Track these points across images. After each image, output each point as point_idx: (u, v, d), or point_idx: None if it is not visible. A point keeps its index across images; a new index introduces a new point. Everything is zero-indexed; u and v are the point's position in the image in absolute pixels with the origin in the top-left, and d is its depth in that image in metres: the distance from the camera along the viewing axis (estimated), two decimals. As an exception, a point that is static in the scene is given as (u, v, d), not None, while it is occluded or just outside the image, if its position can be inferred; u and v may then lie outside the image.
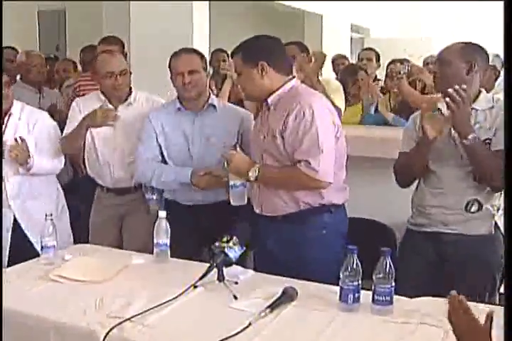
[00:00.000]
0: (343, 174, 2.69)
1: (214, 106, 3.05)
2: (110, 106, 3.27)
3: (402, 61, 4.81)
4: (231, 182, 2.62)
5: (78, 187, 3.97)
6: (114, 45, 3.90)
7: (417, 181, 2.76)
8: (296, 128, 2.48)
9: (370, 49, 5.62)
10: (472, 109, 2.53)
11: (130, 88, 3.32)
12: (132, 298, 2.17)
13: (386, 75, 4.74)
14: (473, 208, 2.58)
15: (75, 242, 3.26)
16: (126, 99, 3.29)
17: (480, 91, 2.62)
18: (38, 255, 2.80)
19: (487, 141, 2.50)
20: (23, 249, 3.07)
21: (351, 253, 2.04)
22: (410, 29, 10.60)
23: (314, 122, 2.47)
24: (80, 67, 5.39)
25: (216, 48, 5.75)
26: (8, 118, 3.19)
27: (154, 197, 3.21)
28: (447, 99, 2.42)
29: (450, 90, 2.41)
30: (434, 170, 2.65)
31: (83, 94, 3.94)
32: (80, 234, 3.42)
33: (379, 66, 5.39)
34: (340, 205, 2.69)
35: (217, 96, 3.54)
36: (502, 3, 1.88)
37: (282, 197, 2.60)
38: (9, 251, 3.19)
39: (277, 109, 2.58)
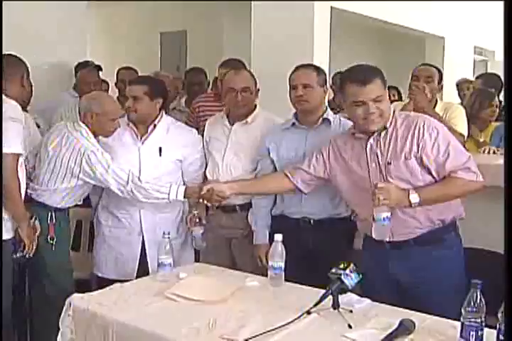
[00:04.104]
0: None
1: (329, 121, 3.06)
2: (227, 123, 3.34)
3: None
4: (383, 215, 2.48)
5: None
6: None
7: None
8: (436, 143, 2.54)
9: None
10: None
11: (255, 106, 3.35)
12: (245, 321, 2.17)
13: None
14: None
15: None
16: (246, 117, 3.32)
17: None
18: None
19: None
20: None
21: (475, 288, 1.93)
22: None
23: (448, 133, 2.60)
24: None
25: (337, 71, 5.74)
26: (153, 129, 3.33)
27: (200, 232, 3.24)
28: None
29: None
30: None
31: (203, 115, 4.02)
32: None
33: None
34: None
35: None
36: None
37: (418, 218, 2.58)
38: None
39: (393, 134, 2.59)
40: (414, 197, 2.48)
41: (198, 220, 3.25)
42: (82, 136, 3.19)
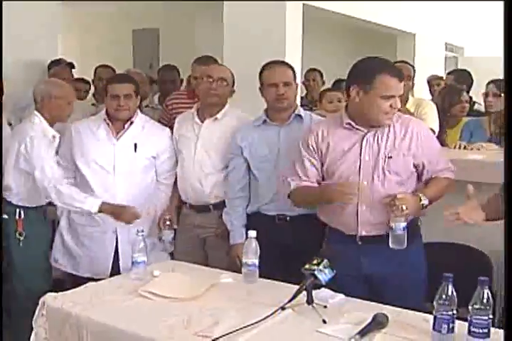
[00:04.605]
0: None
1: (300, 117, 3.07)
2: (197, 120, 3.33)
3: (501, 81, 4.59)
4: (402, 225, 2.48)
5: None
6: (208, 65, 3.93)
7: None
8: (431, 143, 2.70)
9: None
10: None
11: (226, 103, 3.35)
12: (220, 318, 2.17)
13: (486, 95, 4.39)
14: None
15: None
16: (216, 113, 3.31)
17: None
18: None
19: None
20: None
21: (447, 282, 1.96)
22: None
23: (433, 134, 2.81)
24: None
25: (310, 67, 5.76)
26: (129, 125, 3.32)
27: (170, 236, 3.26)
28: None
29: None
30: None
31: (176, 113, 4.00)
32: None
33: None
34: None
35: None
36: None
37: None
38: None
39: (390, 130, 2.61)
40: (424, 199, 2.54)
41: (169, 224, 3.25)
42: (33, 124, 3.22)
